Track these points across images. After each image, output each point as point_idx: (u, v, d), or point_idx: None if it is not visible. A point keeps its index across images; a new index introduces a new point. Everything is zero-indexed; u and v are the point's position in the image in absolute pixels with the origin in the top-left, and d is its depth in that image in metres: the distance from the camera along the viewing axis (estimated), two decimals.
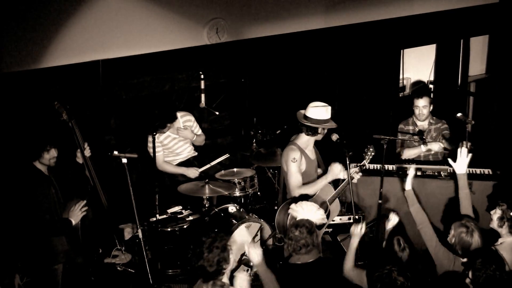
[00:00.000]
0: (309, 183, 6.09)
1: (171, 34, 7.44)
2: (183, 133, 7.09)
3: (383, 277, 4.38)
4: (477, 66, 10.82)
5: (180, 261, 6.68)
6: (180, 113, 7.11)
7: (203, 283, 4.63)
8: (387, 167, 6.83)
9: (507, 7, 9.87)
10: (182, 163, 7.27)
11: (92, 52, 6.94)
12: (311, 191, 6.04)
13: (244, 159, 7.87)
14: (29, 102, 6.63)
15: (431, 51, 10.49)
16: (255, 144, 7.75)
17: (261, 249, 5.02)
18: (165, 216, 6.80)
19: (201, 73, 7.66)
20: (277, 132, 7.91)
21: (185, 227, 6.66)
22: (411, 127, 7.26)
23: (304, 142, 6.07)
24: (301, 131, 6.06)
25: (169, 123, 6.92)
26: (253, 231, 6.65)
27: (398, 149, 7.38)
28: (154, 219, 6.67)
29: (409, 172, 5.82)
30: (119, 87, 7.46)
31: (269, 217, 6.43)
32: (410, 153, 7.19)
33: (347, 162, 6.16)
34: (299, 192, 5.99)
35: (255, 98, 8.48)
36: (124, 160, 6.05)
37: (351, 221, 6.52)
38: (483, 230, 5.29)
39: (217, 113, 7.70)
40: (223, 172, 7.29)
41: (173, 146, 7.16)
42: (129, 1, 7.06)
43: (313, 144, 6.24)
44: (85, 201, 5.79)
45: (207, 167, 7.26)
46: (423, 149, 7.10)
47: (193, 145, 7.38)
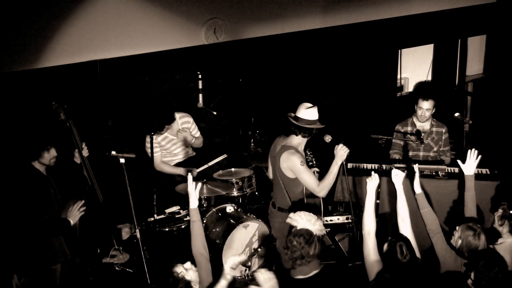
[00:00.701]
0: (323, 178, 5.85)
1: (169, 34, 7.44)
2: (182, 135, 7.08)
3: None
4: (475, 66, 10.84)
5: (178, 261, 6.68)
6: (178, 114, 7.10)
7: None
8: (384, 167, 6.83)
9: (504, 7, 9.89)
10: (179, 164, 7.27)
11: (90, 52, 6.94)
12: (330, 181, 5.79)
13: (242, 159, 7.87)
14: (27, 102, 6.63)
15: (429, 51, 10.50)
16: (253, 144, 7.77)
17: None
18: (163, 216, 6.81)
19: (199, 73, 7.67)
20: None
21: (183, 227, 6.66)
22: (409, 128, 7.23)
23: (297, 144, 5.93)
24: (295, 133, 5.87)
25: (167, 125, 6.92)
26: (251, 231, 6.66)
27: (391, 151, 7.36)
28: (152, 219, 6.67)
29: (415, 175, 5.56)
30: (117, 87, 7.46)
31: (267, 217, 6.42)
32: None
33: (343, 162, 6.15)
34: (323, 190, 5.76)
35: (253, 98, 8.48)
36: (122, 160, 6.05)
37: (349, 221, 6.52)
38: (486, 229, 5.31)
39: (215, 113, 7.71)
40: (221, 172, 7.30)
41: (171, 147, 7.16)
42: (126, 1, 7.06)
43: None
44: (83, 201, 5.78)
45: (205, 167, 7.26)
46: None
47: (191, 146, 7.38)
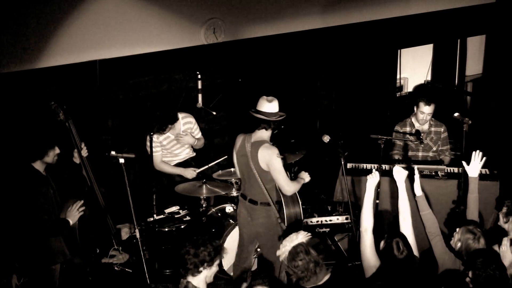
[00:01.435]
0: (295, 181, 5.96)
1: (168, 34, 7.44)
2: (184, 139, 7.08)
3: None
4: (474, 65, 10.84)
5: (177, 261, 6.68)
6: (181, 115, 7.09)
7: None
8: (384, 167, 6.83)
9: (503, 7, 9.89)
10: (179, 164, 7.27)
11: (89, 52, 6.94)
12: (298, 188, 5.90)
13: None
14: (26, 102, 6.62)
15: (428, 51, 10.51)
16: None
17: None
18: (162, 216, 6.81)
19: (198, 73, 7.67)
20: (274, 132, 7.89)
21: (182, 227, 6.67)
22: (408, 129, 7.22)
23: (267, 137, 5.88)
24: (264, 128, 5.81)
25: (170, 124, 6.91)
26: None
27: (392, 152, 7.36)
28: (151, 219, 6.68)
29: (415, 177, 5.57)
30: (116, 87, 7.46)
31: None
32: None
33: (342, 162, 6.16)
34: (290, 190, 5.82)
35: (252, 98, 8.47)
36: (121, 160, 6.05)
37: (349, 221, 6.53)
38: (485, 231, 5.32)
39: (214, 113, 7.71)
40: (220, 172, 7.29)
41: (172, 147, 7.15)
42: (126, 1, 7.05)
43: None
44: (82, 201, 5.78)
45: (205, 168, 7.26)
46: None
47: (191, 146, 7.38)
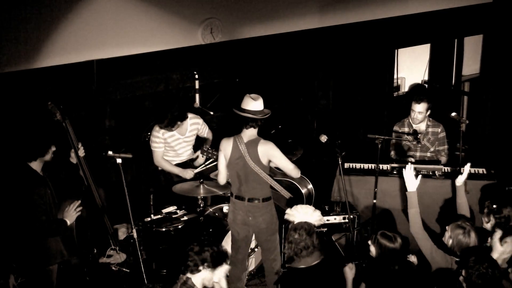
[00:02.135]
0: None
1: (166, 34, 7.44)
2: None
3: None
4: (471, 65, 10.85)
5: (174, 261, 6.69)
6: (190, 115, 7.11)
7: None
8: (381, 166, 6.84)
9: (501, 7, 9.91)
10: (179, 164, 7.26)
11: (86, 52, 6.93)
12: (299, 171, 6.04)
13: None
14: (23, 102, 6.61)
15: (425, 50, 10.51)
16: None
17: None
18: (159, 216, 6.80)
19: (195, 73, 7.66)
20: (272, 131, 7.91)
21: (179, 227, 6.66)
22: (406, 129, 7.22)
23: (256, 133, 5.91)
24: (252, 126, 5.84)
25: (180, 121, 6.91)
26: None
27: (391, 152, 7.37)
28: (148, 219, 6.67)
29: (407, 172, 5.65)
30: (113, 87, 7.45)
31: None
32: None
33: (339, 162, 6.16)
34: (299, 171, 5.94)
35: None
36: (118, 160, 6.04)
37: (346, 220, 6.53)
38: (478, 229, 5.32)
39: (212, 113, 7.70)
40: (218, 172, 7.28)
41: (176, 145, 7.14)
42: (123, 1, 7.05)
43: None
44: (80, 201, 5.77)
45: (203, 168, 7.25)
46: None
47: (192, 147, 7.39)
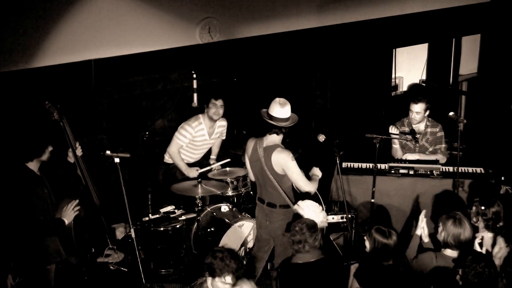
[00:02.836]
0: (311, 179, 5.93)
1: (164, 33, 7.43)
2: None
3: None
4: (469, 65, 10.86)
5: (172, 261, 6.69)
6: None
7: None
8: (379, 166, 6.84)
9: (498, 6, 9.91)
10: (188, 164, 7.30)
11: (84, 51, 6.92)
12: (316, 186, 5.90)
13: (236, 158, 7.87)
14: (21, 102, 6.61)
15: (423, 50, 10.52)
16: None
17: None
18: (158, 215, 6.80)
19: (193, 72, 7.66)
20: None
21: (177, 226, 6.66)
22: (406, 129, 7.17)
23: (279, 140, 5.82)
24: (275, 133, 5.75)
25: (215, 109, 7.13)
26: (246, 231, 6.66)
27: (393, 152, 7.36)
28: (147, 219, 6.67)
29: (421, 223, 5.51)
30: (111, 86, 7.45)
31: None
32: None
33: (337, 162, 6.16)
34: (312, 189, 5.80)
35: (248, 97, 8.48)
36: (116, 159, 6.05)
37: (344, 220, 6.53)
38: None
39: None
40: (216, 171, 7.30)
41: (200, 146, 7.26)
42: (121, 0, 7.04)
43: None
44: (78, 201, 5.77)
45: (207, 169, 7.27)
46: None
47: None
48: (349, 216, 6.45)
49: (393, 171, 6.86)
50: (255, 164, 5.87)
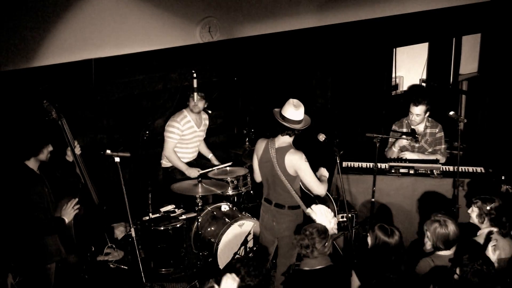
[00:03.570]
0: (320, 181, 5.85)
1: (164, 32, 7.43)
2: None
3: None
4: (469, 64, 10.86)
5: (173, 260, 6.69)
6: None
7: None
8: (380, 165, 6.84)
9: (498, 6, 9.91)
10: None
11: (84, 51, 6.92)
12: (326, 187, 5.86)
13: (237, 158, 7.87)
14: (21, 101, 6.61)
15: (424, 49, 10.52)
16: (248, 143, 7.76)
17: None
18: (158, 215, 6.80)
19: (193, 71, 7.66)
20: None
21: (178, 226, 6.66)
22: (405, 129, 7.13)
23: (291, 142, 5.75)
24: (288, 134, 5.67)
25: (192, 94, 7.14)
26: (246, 230, 6.66)
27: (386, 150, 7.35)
28: (147, 218, 6.67)
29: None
30: (111, 86, 7.45)
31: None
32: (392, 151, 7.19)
33: (338, 161, 6.15)
34: (323, 190, 5.74)
35: (248, 96, 8.48)
36: (116, 159, 6.04)
37: (344, 219, 6.53)
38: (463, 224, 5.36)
39: (210, 112, 7.69)
40: (216, 171, 7.29)
41: (191, 138, 7.25)
42: (122, 0, 7.04)
43: None
44: (77, 199, 5.76)
45: (209, 170, 7.25)
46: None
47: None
48: (349, 215, 6.44)
49: (393, 171, 6.85)
50: (266, 165, 5.78)
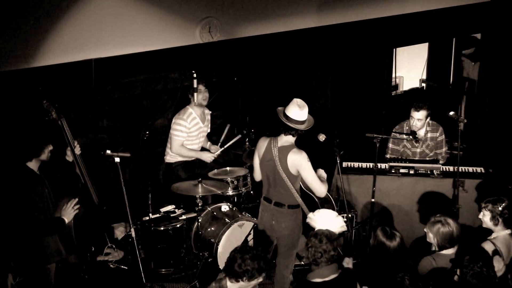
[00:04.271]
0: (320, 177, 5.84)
1: (164, 33, 7.43)
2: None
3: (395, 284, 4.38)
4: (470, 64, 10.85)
5: (173, 260, 6.69)
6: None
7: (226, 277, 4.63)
8: (380, 165, 6.84)
9: (498, 6, 9.91)
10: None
11: (85, 51, 6.92)
12: (327, 187, 5.82)
13: (237, 158, 7.87)
14: (21, 101, 6.60)
15: (424, 49, 10.52)
16: (247, 143, 7.76)
17: None
18: (158, 215, 6.81)
19: (193, 72, 7.66)
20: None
21: (178, 226, 6.66)
22: (405, 135, 7.12)
23: (293, 141, 5.74)
24: (292, 134, 5.67)
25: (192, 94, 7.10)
26: (246, 230, 6.66)
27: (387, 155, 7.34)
28: (147, 218, 6.67)
29: None
30: (111, 86, 7.45)
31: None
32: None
33: (338, 161, 6.15)
34: (324, 190, 5.70)
35: (248, 97, 8.48)
36: (117, 159, 6.04)
37: (344, 219, 6.53)
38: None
39: (210, 112, 7.70)
40: (216, 171, 7.29)
41: (197, 134, 7.29)
42: (122, 0, 7.04)
43: None
44: (77, 199, 5.76)
45: (222, 149, 7.33)
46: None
47: None
48: (349, 215, 6.45)
49: (393, 171, 6.86)
50: (267, 163, 5.77)
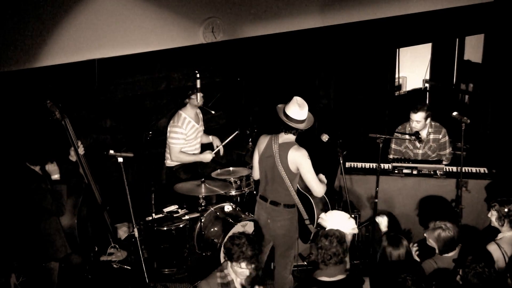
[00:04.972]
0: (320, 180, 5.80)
1: (167, 33, 7.44)
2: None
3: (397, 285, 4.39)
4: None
5: (176, 260, 6.69)
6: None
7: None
8: (383, 166, 6.83)
9: (502, 6, 9.90)
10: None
11: (88, 51, 6.93)
12: (325, 188, 5.78)
13: (240, 158, 7.87)
14: (24, 102, 6.61)
15: (427, 50, 10.52)
16: (251, 143, 7.76)
17: None
18: (161, 215, 6.81)
19: (196, 72, 7.66)
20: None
21: (181, 226, 6.66)
22: (407, 136, 7.08)
23: (294, 139, 5.71)
24: (292, 133, 5.65)
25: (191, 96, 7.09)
26: (249, 230, 6.65)
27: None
28: (150, 218, 6.67)
29: None
30: (114, 86, 7.45)
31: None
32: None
33: (341, 161, 6.15)
34: (322, 190, 5.67)
35: (251, 97, 8.48)
36: (120, 159, 6.04)
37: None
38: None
39: (213, 112, 7.70)
40: (219, 171, 7.30)
41: (195, 137, 7.26)
42: (125, 0, 7.05)
43: None
44: (55, 162, 5.77)
45: (220, 147, 7.33)
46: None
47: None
48: (353, 215, 6.44)
49: (396, 171, 6.85)
50: (267, 160, 5.75)
